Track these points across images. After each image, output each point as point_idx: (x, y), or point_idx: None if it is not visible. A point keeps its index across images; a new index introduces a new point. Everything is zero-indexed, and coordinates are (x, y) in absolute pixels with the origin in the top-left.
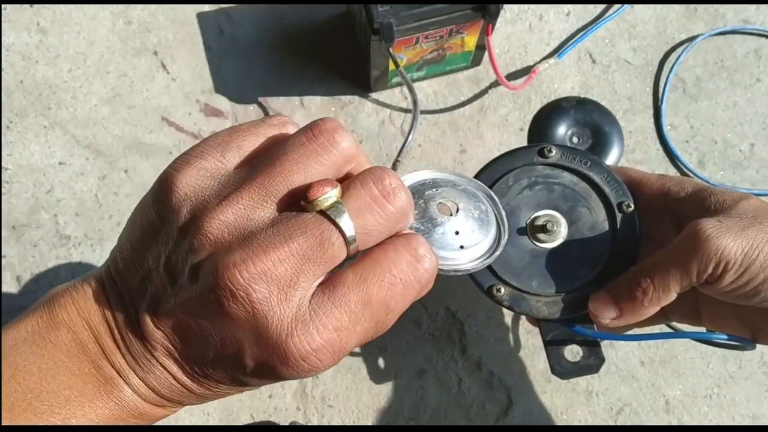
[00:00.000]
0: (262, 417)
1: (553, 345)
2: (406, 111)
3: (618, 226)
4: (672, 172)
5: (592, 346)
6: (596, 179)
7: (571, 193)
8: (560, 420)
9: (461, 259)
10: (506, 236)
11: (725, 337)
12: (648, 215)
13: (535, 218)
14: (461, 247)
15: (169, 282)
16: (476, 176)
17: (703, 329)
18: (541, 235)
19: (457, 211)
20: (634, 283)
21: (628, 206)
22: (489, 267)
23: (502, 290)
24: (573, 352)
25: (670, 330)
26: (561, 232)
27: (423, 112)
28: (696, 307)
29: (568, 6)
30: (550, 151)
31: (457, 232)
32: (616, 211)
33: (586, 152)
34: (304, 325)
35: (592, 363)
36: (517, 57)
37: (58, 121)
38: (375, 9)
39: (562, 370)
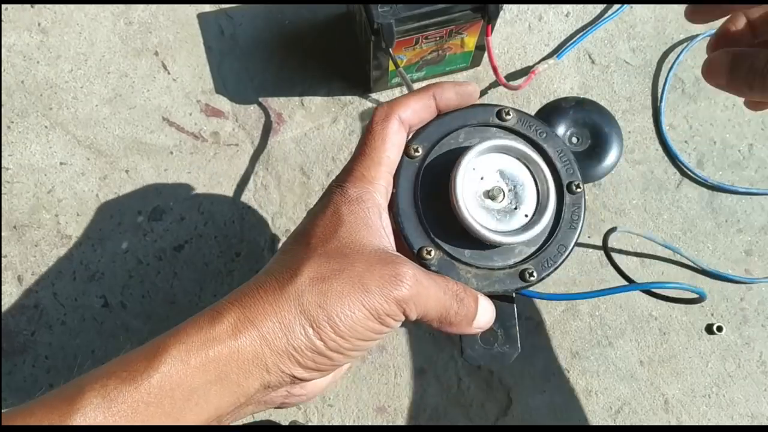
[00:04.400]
0: (263, 416)
1: None
2: None
3: (563, 206)
4: (671, 171)
5: (509, 332)
6: (550, 152)
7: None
8: (559, 419)
9: None
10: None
11: (685, 286)
12: None
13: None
14: None
15: None
16: (426, 126)
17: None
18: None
19: None
20: None
21: (578, 186)
22: (423, 227)
23: (433, 253)
24: (487, 338)
25: (623, 284)
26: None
27: None
28: None
29: (568, 6)
30: (508, 113)
31: None
32: (565, 190)
33: (544, 123)
34: None
35: (506, 351)
36: (516, 57)
37: (59, 122)
38: (375, 9)
39: (473, 354)
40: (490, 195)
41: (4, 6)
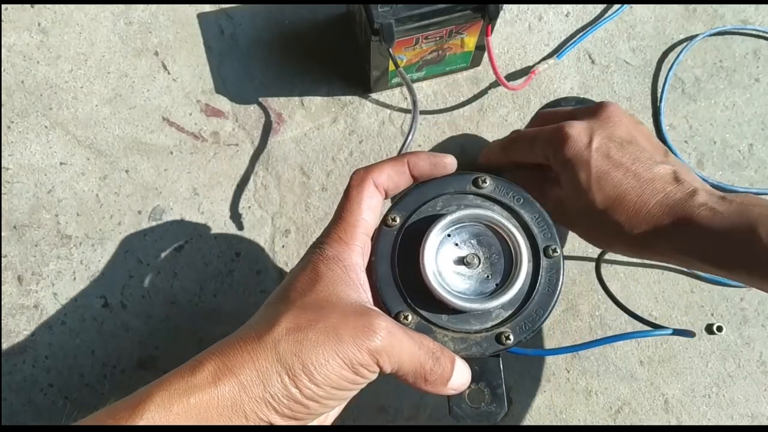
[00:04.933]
0: None
1: None
2: (406, 111)
3: (540, 270)
4: None
5: (495, 391)
6: (526, 218)
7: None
8: (559, 419)
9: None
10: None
11: (670, 331)
12: None
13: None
14: None
15: None
16: (404, 195)
17: (646, 328)
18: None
19: None
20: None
21: (554, 251)
22: (401, 293)
23: (410, 318)
24: (474, 397)
25: (612, 335)
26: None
27: (423, 112)
28: None
29: (568, 6)
30: (484, 181)
31: None
32: (542, 254)
33: (520, 189)
34: None
35: (493, 410)
36: (516, 57)
37: (59, 122)
38: (375, 9)
39: (460, 412)
40: (465, 262)
41: (4, 6)
